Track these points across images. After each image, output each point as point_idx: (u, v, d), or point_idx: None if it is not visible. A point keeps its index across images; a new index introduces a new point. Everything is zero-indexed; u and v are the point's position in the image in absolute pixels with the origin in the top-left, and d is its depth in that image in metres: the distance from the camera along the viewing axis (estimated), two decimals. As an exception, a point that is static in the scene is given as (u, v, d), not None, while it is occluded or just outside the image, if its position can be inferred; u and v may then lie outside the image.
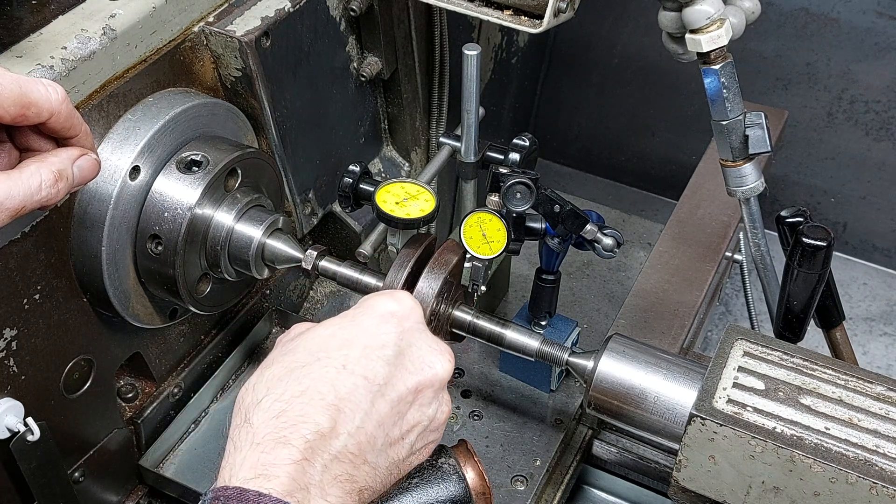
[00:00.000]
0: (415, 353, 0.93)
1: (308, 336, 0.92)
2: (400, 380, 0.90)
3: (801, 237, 1.29)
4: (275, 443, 0.81)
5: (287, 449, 0.81)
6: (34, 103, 0.90)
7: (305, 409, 0.84)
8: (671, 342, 1.46)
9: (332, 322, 0.94)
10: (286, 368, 0.88)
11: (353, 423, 0.85)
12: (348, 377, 0.87)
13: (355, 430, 0.85)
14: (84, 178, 0.98)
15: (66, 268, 1.15)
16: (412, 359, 0.92)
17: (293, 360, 0.89)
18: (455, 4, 1.28)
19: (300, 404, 0.84)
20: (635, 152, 2.42)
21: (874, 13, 2.02)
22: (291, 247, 1.25)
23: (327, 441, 0.83)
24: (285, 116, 1.38)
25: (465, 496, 1.02)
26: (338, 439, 0.84)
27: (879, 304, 2.26)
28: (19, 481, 1.13)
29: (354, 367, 0.88)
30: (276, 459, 0.80)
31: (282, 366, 0.88)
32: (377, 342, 0.91)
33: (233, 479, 0.80)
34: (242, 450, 0.82)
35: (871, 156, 2.18)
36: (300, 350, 0.90)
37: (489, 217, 1.21)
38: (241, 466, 0.81)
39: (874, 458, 1.01)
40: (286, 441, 0.81)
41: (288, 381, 0.86)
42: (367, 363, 0.88)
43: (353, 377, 0.87)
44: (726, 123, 1.28)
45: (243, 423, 0.84)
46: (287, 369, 0.88)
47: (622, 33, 2.28)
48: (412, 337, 0.93)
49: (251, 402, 0.86)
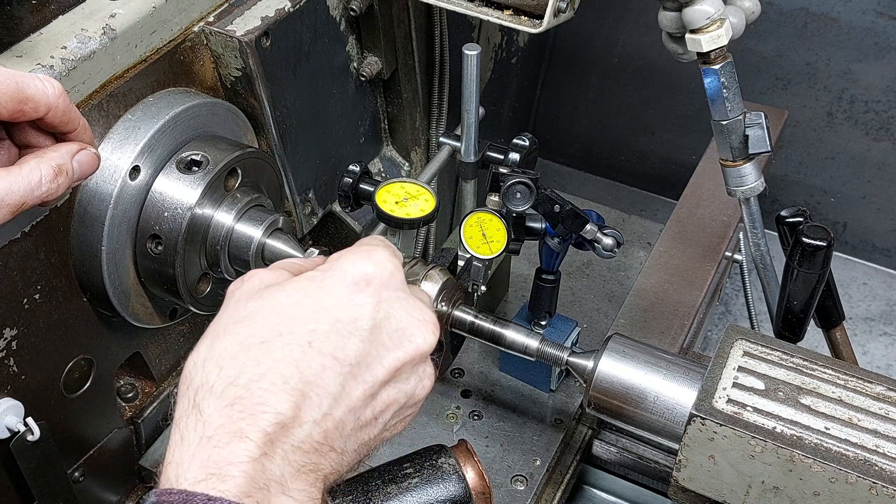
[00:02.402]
0: (393, 325, 0.81)
1: (267, 300, 0.79)
2: (375, 358, 0.79)
3: (801, 237, 1.29)
4: (230, 436, 0.71)
5: (244, 443, 0.71)
6: (31, 98, 0.90)
7: (265, 395, 0.73)
8: (671, 342, 1.46)
9: (296, 285, 0.80)
10: (241, 344, 0.76)
11: (319, 411, 0.75)
12: (315, 357, 0.76)
13: (321, 417, 0.75)
14: (84, 173, 0.98)
15: (66, 267, 1.15)
16: (390, 332, 0.80)
17: (249, 334, 0.77)
18: (455, 4, 1.28)
19: (259, 390, 0.73)
20: (635, 152, 2.42)
21: (874, 13, 2.02)
22: (291, 247, 1.25)
23: (289, 430, 0.73)
24: (285, 116, 1.38)
25: (465, 496, 1.02)
26: (301, 428, 0.74)
27: (879, 304, 2.26)
28: (19, 481, 1.13)
29: (322, 344, 0.76)
30: (231, 456, 0.70)
31: (235, 339, 0.76)
32: (349, 315, 0.78)
33: (180, 479, 0.70)
34: (191, 444, 0.71)
35: (871, 156, 2.18)
36: (258, 319, 0.78)
37: (489, 217, 1.21)
38: (190, 465, 0.70)
39: (874, 458, 1.01)
40: (243, 434, 0.71)
41: (244, 361, 0.75)
42: (336, 340, 0.77)
43: (321, 357, 0.76)
44: (726, 123, 1.28)
45: (191, 408, 0.73)
46: (242, 345, 0.76)
47: (622, 33, 2.28)
48: (391, 306, 0.81)
49: (201, 382, 0.74)
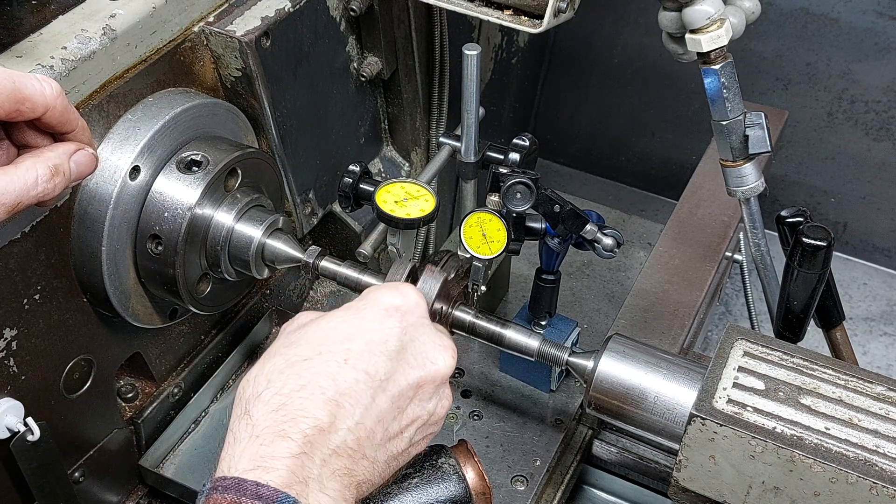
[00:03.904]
0: (417, 348, 0.92)
1: (311, 328, 0.92)
2: (401, 375, 0.90)
3: (801, 237, 1.29)
4: (274, 436, 0.82)
5: (286, 442, 0.81)
6: (28, 98, 0.90)
7: (305, 403, 0.84)
8: (671, 342, 1.46)
9: (336, 315, 0.94)
10: (287, 361, 0.88)
11: (352, 419, 0.85)
12: (349, 371, 0.87)
13: (354, 425, 0.85)
14: (81, 173, 0.98)
15: (66, 268, 1.15)
16: (414, 354, 0.92)
17: (295, 353, 0.88)
18: (455, 4, 1.28)
19: (300, 399, 0.84)
20: (635, 152, 2.42)
21: (874, 13, 2.01)
22: (291, 247, 1.25)
23: (326, 436, 0.83)
24: (285, 116, 1.38)
25: (465, 496, 1.02)
26: (336, 434, 0.84)
27: (879, 304, 2.26)
28: (19, 481, 1.13)
29: (356, 361, 0.88)
30: (274, 452, 0.81)
31: (283, 358, 0.88)
32: (380, 337, 0.90)
33: (232, 469, 0.80)
34: (241, 442, 0.82)
35: (871, 156, 2.18)
36: (302, 342, 0.90)
37: (489, 217, 1.21)
38: (241, 458, 0.81)
39: (874, 458, 1.01)
40: (285, 434, 0.82)
41: (289, 375, 0.86)
42: (369, 358, 0.88)
43: (355, 372, 0.87)
44: (726, 123, 1.28)
45: (243, 414, 0.85)
46: (288, 362, 0.88)
47: (622, 33, 2.28)
48: (415, 332, 0.93)
49: (251, 394, 0.86)
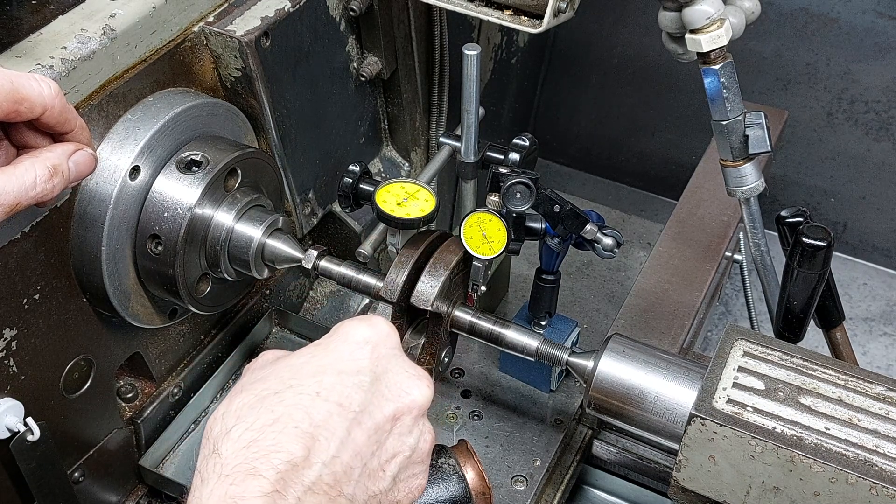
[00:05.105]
0: (391, 379, 0.88)
1: (280, 365, 0.88)
2: (376, 407, 0.86)
3: (801, 237, 1.29)
4: (245, 474, 0.77)
5: (257, 480, 0.77)
6: (26, 98, 0.90)
7: (278, 437, 0.80)
8: (671, 342, 1.46)
9: (305, 351, 0.90)
10: (257, 396, 0.83)
11: (327, 453, 0.81)
12: (322, 404, 0.83)
13: (330, 459, 0.81)
14: (80, 174, 0.98)
15: (65, 268, 1.15)
16: (388, 385, 0.88)
17: (264, 388, 0.84)
18: (455, 4, 1.28)
19: (272, 433, 0.80)
20: (635, 152, 2.42)
21: (874, 13, 2.02)
22: (291, 247, 1.25)
23: (300, 471, 0.79)
24: (285, 116, 1.38)
25: (465, 496, 1.02)
26: (311, 469, 0.79)
27: (879, 304, 2.26)
28: (19, 481, 1.13)
29: (329, 393, 0.83)
30: (245, 491, 0.76)
31: (252, 394, 0.84)
32: (352, 367, 0.87)
33: None
34: (209, 482, 0.78)
35: (871, 156, 2.18)
36: (271, 378, 0.86)
37: (489, 217, 1.21)
38: (209, 499, 0.77)
39: (874, 458, 1.01)
40: (256, 472, 0.77)
41: (259, 410, 0.82)
42: (342, 389, 0.84)
43: (328, 404, 0.83)
44: (726, 123, 1.28)
45: (211, 454, 0.80)
46: (258, 397, 0.83)
47: (622, 33, 2.28)
48: (388, 363, 0.89)
49: (220, 431, 0.81)
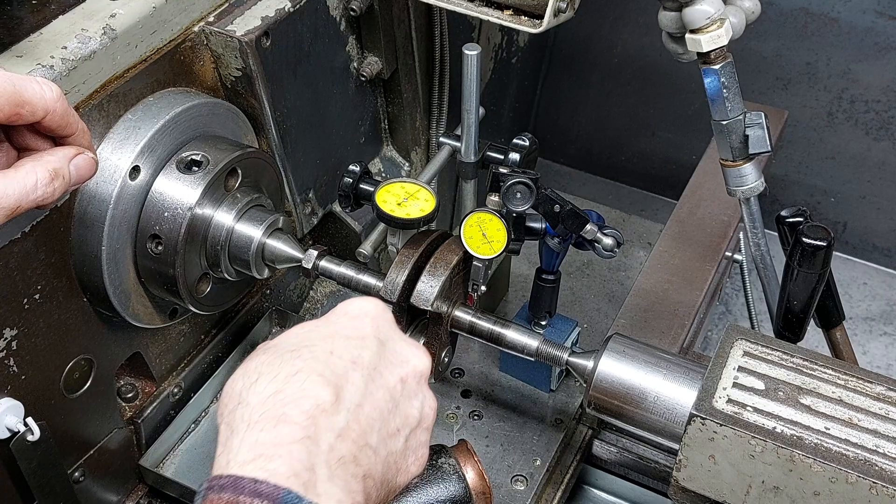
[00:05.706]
0: (393, 346, 0.90)
1: (286, 335, 0.89)
2: (386, 368, 0.87)
3: (801, 237, 1.29)
4: (275, 420, 0.76)
5: (289, 426, 0.76)
6: (28, 101, 0.90)
7: (304, 385, 0.79)
8: (671, 342, 1.46)
9: (306, 324, 0.90)
10: (275, 355, 0.84)
11: (352, 401, 0.81)
12: (338, 360, 0.83)
13: (355, 407, 0.81)
14: (81, 177, 0.98)
15: (66, 267, 1.15)
16: (392, 351, 0.89)
17: (278, 348, 0.85)
18: (455, 4, 1.28)
19: (297, 381, 0.79)
20: (635, 152, 2.42)
21: (874, 13, 2.01)
22: (291, 247, 1.25)
23: (329, 417, 0.78)
24: (285, 116, 1.38)
25: (465, 496, 1.02)
26: (339, 415, 0.79)
27: (879, 304, 2.25)
28: (19, 481, 1.13)
29: (342, 353, 0.84)
30: (276, 438, 0.75)
31: (269, 354, 0.84)
32: (357, 334, 0.87)
33: (231, 464, 0.74)
34: (239, 431, 0.77)
35: (871, 156, 2.18)
36: (283, 343, 0.86)
37: (489, 217, 1.21)
38: (239, 449, 0.75)
39: (874, 458, 1.01)
40: (286, 417, 0.76)
41: (280, 364, 0.82)
42: (352, 350, 0.85)
43: (343, 361, 0.83)
44: (726, 123, 1.28)
45: (238, 405, 0.79)
46: (276, 355, 0.83)
47: (622, 33, 2.28)
48: (388, 332, 0.90)
49: (244, 385, 0.81)
